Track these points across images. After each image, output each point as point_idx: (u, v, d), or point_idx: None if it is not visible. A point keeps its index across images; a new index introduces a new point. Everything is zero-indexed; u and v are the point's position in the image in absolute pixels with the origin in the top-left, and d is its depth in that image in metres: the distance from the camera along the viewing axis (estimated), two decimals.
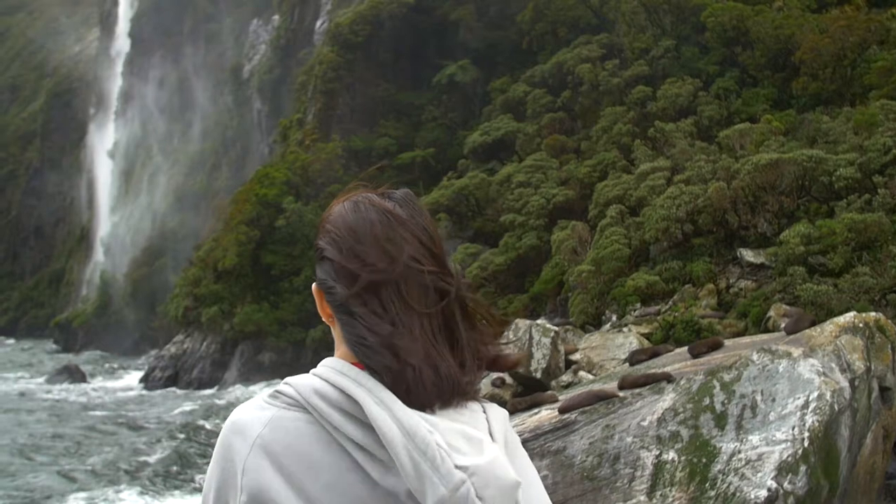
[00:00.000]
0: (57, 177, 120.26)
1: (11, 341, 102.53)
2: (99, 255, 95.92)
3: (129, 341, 73.48)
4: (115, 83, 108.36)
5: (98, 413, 35.75)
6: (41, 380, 50.90)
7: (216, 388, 40.63)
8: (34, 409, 37.56)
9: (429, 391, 1.48)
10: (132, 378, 49.73)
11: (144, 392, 43.50)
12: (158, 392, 42.45)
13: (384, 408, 1.43)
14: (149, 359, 53.84)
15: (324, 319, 1.67)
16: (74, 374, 50.26)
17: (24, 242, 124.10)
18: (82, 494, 20.99)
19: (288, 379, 1.56)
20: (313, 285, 1.67)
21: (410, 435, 1.40)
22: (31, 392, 44.72)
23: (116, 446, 27.87)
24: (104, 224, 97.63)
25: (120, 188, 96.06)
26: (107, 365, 63.04)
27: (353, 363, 1.54)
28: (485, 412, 1.58)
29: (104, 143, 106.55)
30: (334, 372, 1.52)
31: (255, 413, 1.52)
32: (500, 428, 1.57)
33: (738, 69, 31.14)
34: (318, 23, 68.33)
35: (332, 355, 1.62)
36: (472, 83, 46.95)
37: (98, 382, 49.92)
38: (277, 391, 1.54)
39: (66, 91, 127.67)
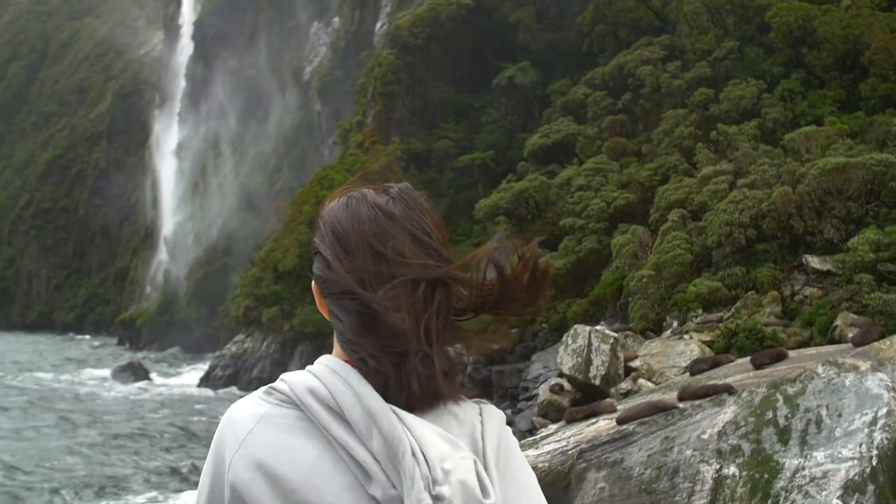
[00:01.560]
0: (122, 177, 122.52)
1: (80, 337, 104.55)
2: (162, 254, 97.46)
3: (190, 340, 74.49)
4: (179, 85, 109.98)
5: (157, 413, 36.24)
6: (106, 374, 51.81)
7: None
8: (97, 404, 38.19)
9: (411, 391, 1.47)
10: (193, 377, 50.37)
11: (204, 391, 44.00)
12: (219, 392, 42.90)
13: (367, 413, 1.43)
14: (212, 358, 54.43)
15: (324, 315, 1.66)
16: (137, 372, 51.15)
17: (90, 241, 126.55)
18: (142, 495, 21.25)
19: (284, 375, 1.57)
20: (313, 282, 1.66)
21: (393, 448, 1.39)
22: (95, 388, 45.51)
23: (173, 446, 28.20)
24: (168, 223, 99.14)
25: (183, 188, 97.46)
26: (169, 363, 63.98)
27: (346, 361, 1.54)
28: (480, 414, 1.57)
29: (168, 143, 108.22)
30: (327, 370, 1.52)
31: (249, 409, 1.53)
32: (494, 430, 1.55)
33: (804, 70, 30.53)
34: (378, 25, 68.60)
35: None
36: (531, 85, 46.73)
37: (160, 380, 50.68)
38: (272, 387, 1.55)
39: (131, 93, 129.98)
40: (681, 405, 10.22)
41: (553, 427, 13.61)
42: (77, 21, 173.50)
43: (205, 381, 45.97)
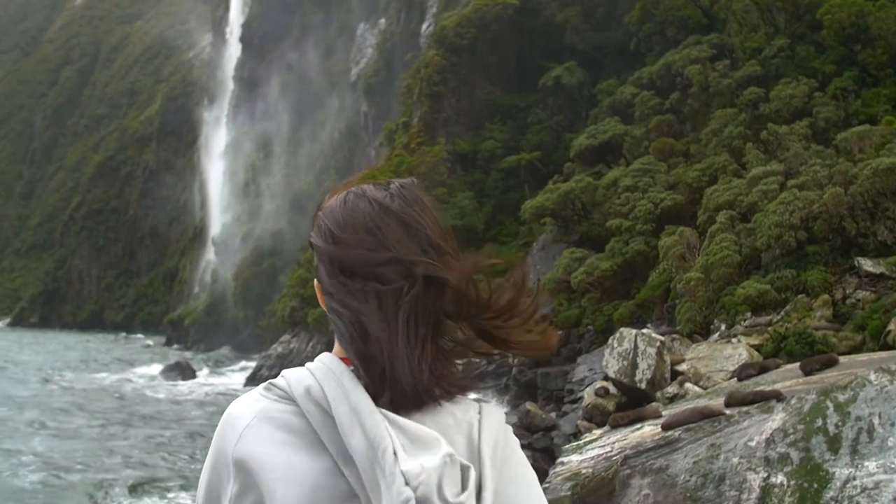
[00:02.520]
0: (171, 178, 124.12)
1: (130, 336, 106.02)
2: (210, 254, 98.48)
3: (237, 340, 75.16)
4: (227, 87, 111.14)
5: (202, 411, 36.50)
6: (154, 373, 52.42)
7: None
8: (145, 403, 38.61)
9: (395, 391, 1.47)
10: (239, 377, 50.78)
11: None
12: None
13: (352, 411, 1.43)
14: (259, 358, 54.78)
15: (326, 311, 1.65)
16: (185, 371, 51.77)
17: (140, 241, 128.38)
18: (183, 493, 21.37)
19: (284, 371, 1.58)
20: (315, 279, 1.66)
21: (374, 447, 1.38)
22: (143, 387, 46.05)
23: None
24: (216, 224, 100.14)
25: (231, 189, 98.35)
26: (216, 362, 64.58)
27: (343, 358, 1.55)
28: (479, 412, 1.57)
29: (216, 145, 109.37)
30: (324, 368, 1.52)
31: (248, 405, 1.54)
32: (492, 429, 1.54)
33: (857, 68, 29.98)
34: (424, 26, 68.67)
35: None
36: (578, 85, 46.47)
37: (207, 379, 51.14)
38: (271, 383, 1.56)
39: (180, 95, 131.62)
40: (728, 411, 10.05)
41: (597, 432, 13.43)
42: (127, 25, 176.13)
43: (251, 381, 46.21)
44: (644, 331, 18.65)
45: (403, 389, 1.46)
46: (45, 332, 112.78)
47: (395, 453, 1.38)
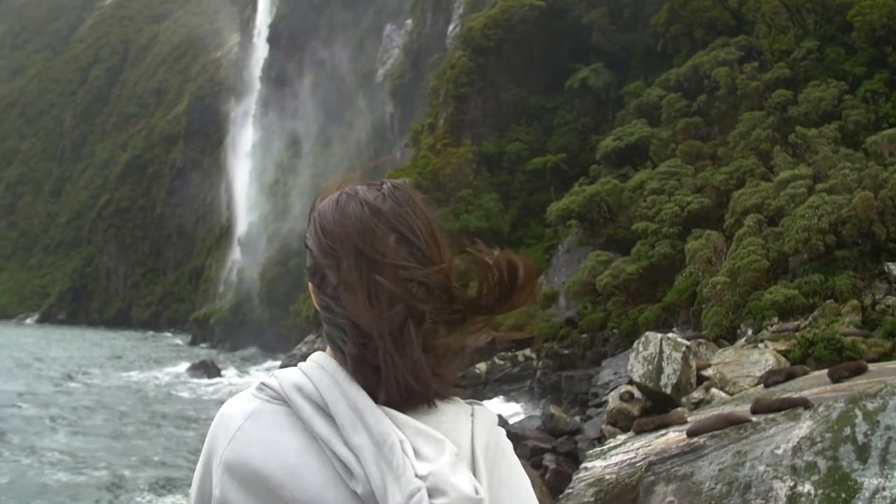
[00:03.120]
0: (198, 177, 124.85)
1: (156, 334, 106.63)
2: (236, 253, 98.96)
3: (262, 339, 75.44)
4: (254, 87, 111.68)
5: None
6: (179, 372, 52.67)
7: None
8: (170, 401, 38.80)
9: (388, 391, 1.45)
10: (265, 376, 50.75)
11: None
12: None
13: (355, 412, 1.42)
14: (283, 358, 54.91)
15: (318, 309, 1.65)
16: (210, 370, 52.03)
17: (166, 240, 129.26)
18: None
19: (276, 371, 1.57)
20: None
21: (379, 443, 1.38)
22: (168, 385, 46.28)
23: None
24: (242, 223, 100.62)
25: (258, 189, 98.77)
26: (241, 362, 64.81)
27: (336, 358, 1.54)
28: (472, 415, 1.56)
29: (243, 144, 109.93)
30: (317, 367, 1.52)
31: (240, 406, 1.54)
32: (484, 432, 1.54)
33: (888, 70, 29.66)
34: (451, 27, 68.68)
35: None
36: (604, 87, 46.32)
37: (232, 378, 51.31)
38: (263, 383, 1.55)
39: (207, 95, 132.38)
40: (754, 418, 9.95)
41: (622, 437, 13.34)
42: (156, 24, 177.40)
43: None
44: (670, 335, 18.51)
45: (397, 389, 1.45)
46: (72, 329, 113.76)
47: (403, 448, 1.37)
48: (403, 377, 1.45)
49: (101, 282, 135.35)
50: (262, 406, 1.51)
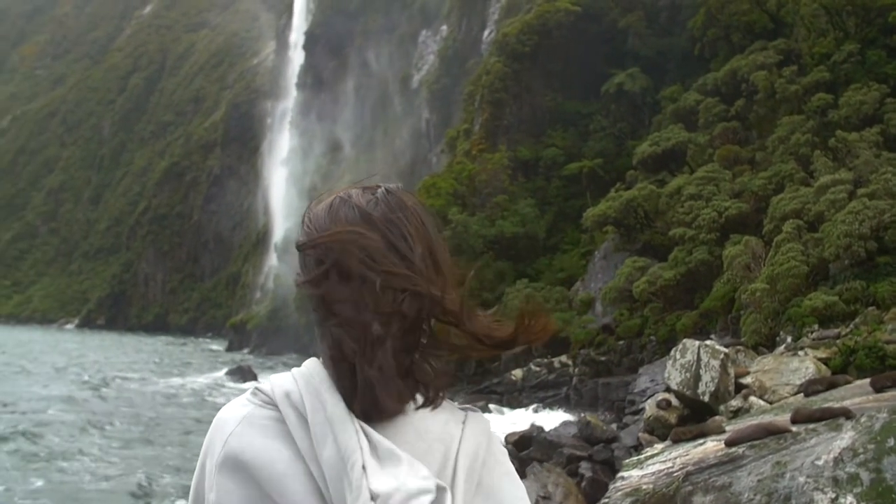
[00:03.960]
0: (235, 184, 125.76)
1: (193, 339, 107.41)
2: (273, 259, 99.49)
3: (299, 345, 75.78)
4: (290, 94, 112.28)
5: None
6: (216, 377, 53.01)
7: None
8: (205, 408, 38.95)
9: (370, 399, 1.45)
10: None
11: None
12: None
13: (327, 421, 1.42)
14: None
15: None
16: (246, 375, 52.37)
17: (204, 246, 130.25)
18: None
19: (271, 376, 1.58)
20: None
21: (344, 459, 1.37)
22: (205, 391, 46.51)
23: None
24: (279, 230, 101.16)
25: (294, 195, 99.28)
26: (277, 367, 65.04)
27: (326, 365, 1.53)
28: (464, 422, 1.54)
29: (279, 151, 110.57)
30: (305, 374, 1.51)
31: (235, 410, 1.54)
32: (473, 441, 1.51)
33: None
34: (486, 33, 68.68)
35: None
36: (641, 92, 46.07)
37: None
38: (258, 388, 1.55)
39: (244, 102, 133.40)
40: (794, 428, 9.76)
41: (659, 446, 13.17)
42: (194, 33, 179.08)
43: None
44: (707, 342, 18.29)
45: (375, 398, 1.44)
46: (111, 334, 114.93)
47: (364, 468, 1.36)
48: (382, 387, 1.44)
49: (139, 287, 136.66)
50: (254, 411, 1.51)
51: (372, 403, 1.45)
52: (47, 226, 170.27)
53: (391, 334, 1.44)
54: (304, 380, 1.50)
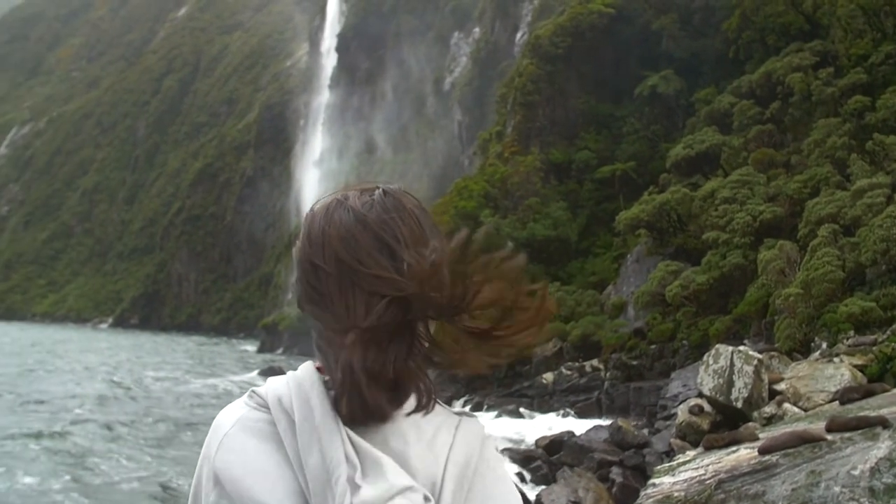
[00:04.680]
0: (268, 185, 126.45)
1: (226, 339, 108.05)
2: None
3: None
4: (323, 96, 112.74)
5: None
6: (251, 376, 53.29)
7: None
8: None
9: (358, 403, 1.41)
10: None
11: None
12: None
13: (314, 429, 1.41)
14: None
15: None
16: (278, 375, 52.57)
17: (237, 247, 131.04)
18: None
19: (269, 379, 1.56)
20: None
21: (329, 470, 1.36)
22: (237, 389, 46.70)
23: None
24: None
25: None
26: None
27: (319, 368, 1.53)
28: (457, 427, 1.50)
29: (312, 152, 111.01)
30: (299, 379, 1.50)
31: (231, 413, 1.54)
32: (464, 448, 1.47)
33: None
34: (519, 35, 68.60)
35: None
36: (675, 94, 45.76)
37: None
38: (254, 391, 1.55)
39: (277, 104, 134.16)
40: (829, 437, 9.61)
41: (691, 453, 13.02)
42: (227, 35, 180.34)
43: None
44: (741, 348, 18.09)
45: (363, 402, 1.41)
46: (144, 334, 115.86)
47: (347, 480, 1.34)
48: (370, 391, 1.40)
49: (172, 288, 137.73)
50: (249, 413, 1.51)
51: (360, 407, 1.42)
52: (82, 226, 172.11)
53: (380, 337, 1.42)
54: (295, 384, 1.49)
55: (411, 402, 1.46)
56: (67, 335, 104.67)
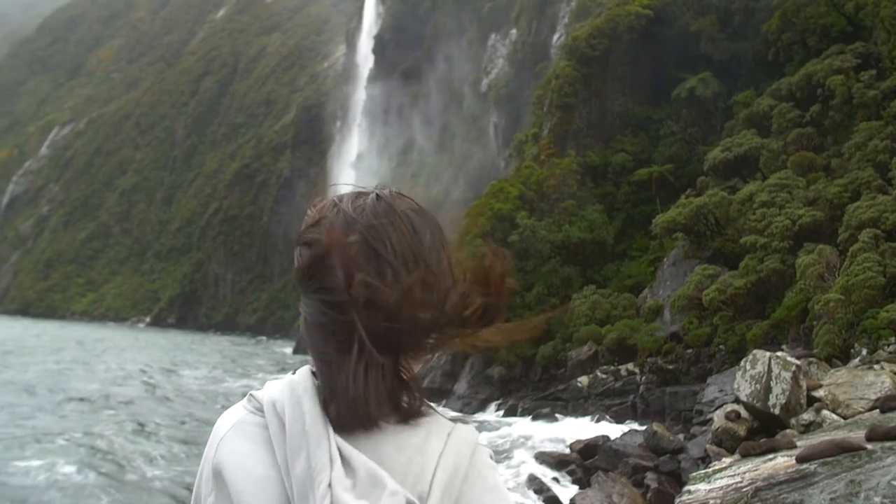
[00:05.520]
0: (305, 186, 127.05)
1: (267, 339, 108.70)
2: None
3: None
4: (360, 97, 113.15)
5: None
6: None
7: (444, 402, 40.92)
8: None
9: (345, 408, 1.43)
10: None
11: None
12: None
13: (303, 433, 1.42)
14: None
15: None
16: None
17: (273, 247, 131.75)
18: None
19: (268, 382, 1.58)
20: None
21: (313, 476, 1.36)
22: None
23: None
24: None
25: None
26: None
27: (314, 372, 1.53)
28: (449, 435, 1.48)
29: (348, 154, 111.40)
30: (293, 383, 1.51)
31: (230, 416, 1.57)
32: (454, 454, 1.46)
33: None
34: (555, 37, 68.38)
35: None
36: (713, 97, 45.38)
37: None
38: (252, 394, 1.57)
39: (314, 105, 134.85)
40: (869, 446, 9.47)
41: (727, 460, 12.89)
42: (265, 36, 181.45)
43: None
44: (779, 353, 17.88)
45: (349, 408, 1.43)
46: (181, 333, 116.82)
47: (330, 486, 1.34)
48: (355, 398, 1.42)
49: (209, 287, 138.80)
50: (245, 417, 1.53)
51: (348, 413, 1.43)
52: (121, 226, 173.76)
53: (361, 344, 1.42)
54: (290, 388, 1.50)
55: (402, 409, 1.46)
56: (106, 334, 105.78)
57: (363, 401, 1.42)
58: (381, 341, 1.43)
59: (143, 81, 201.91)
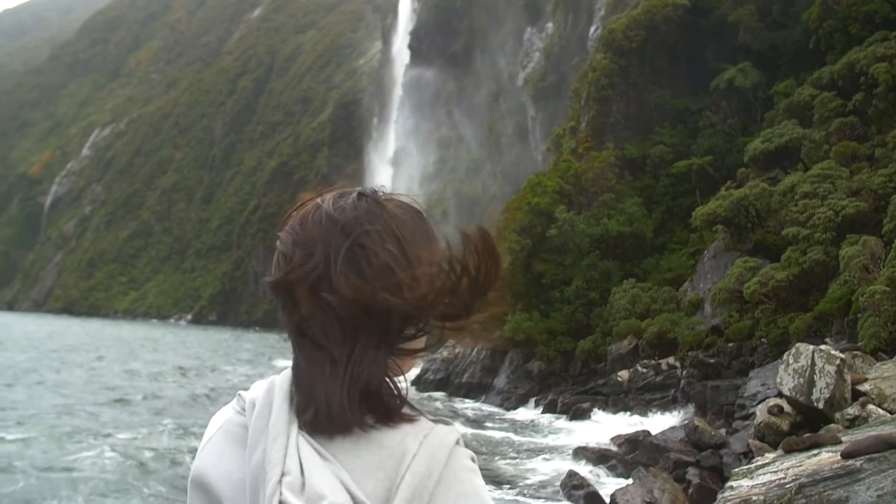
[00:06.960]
0: (342, 183, 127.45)
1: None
2: None
3: None
4: (396, 93, 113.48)
5: None
6: None
7: (483, 398, 40.80)
8: None
9: (315, 411, 1.41)
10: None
11: (413, 394, 44.45)
12: (427, 394, 43.31)
13: (265, 428, 1.41)
14: (425, 361, 55.29)
15: None
16: None
17: None
18: None
19: (255, 382, 1.57)
20: None
21: (264, 465, 1.36)
22: None
23: None
24: None
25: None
26: None
27: None
28: (424, 437, 1.43)
29: (385, 151, 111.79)
30: (275, 382, 1.50)
31: (219, 417, 1.56)
32: (426, 457, 1.40)
33: None
34: (592, 29, 67.97)
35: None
36: (752, 87, 44.86)
37: None
38: (239, 394, 1.55)
39: (350, 102, 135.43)
40: None
41: (770, 456, 12.68)
42: (301, 35, 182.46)
43: (416, 384, 46.53)
44: (822, 346, 17.58)
45: (320, 410, 1.40)
46: (222, 330, 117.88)
47: (280, 482, 1.32)
48: (325, 399, 1.40)
49: (249, 285, 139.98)
50: (231, 417, 1.52)
51: (325, 414, 1.40)
52: (161, 224, 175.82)
53: (339, 343, 1.41)
54: (269, 387, 1.49)
55: (381, 410, 1.43)
56: (149, 331, 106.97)
57: (338, 401, 1.40)
58: (362, 339, 1.42)
59: (182, 81, 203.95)
